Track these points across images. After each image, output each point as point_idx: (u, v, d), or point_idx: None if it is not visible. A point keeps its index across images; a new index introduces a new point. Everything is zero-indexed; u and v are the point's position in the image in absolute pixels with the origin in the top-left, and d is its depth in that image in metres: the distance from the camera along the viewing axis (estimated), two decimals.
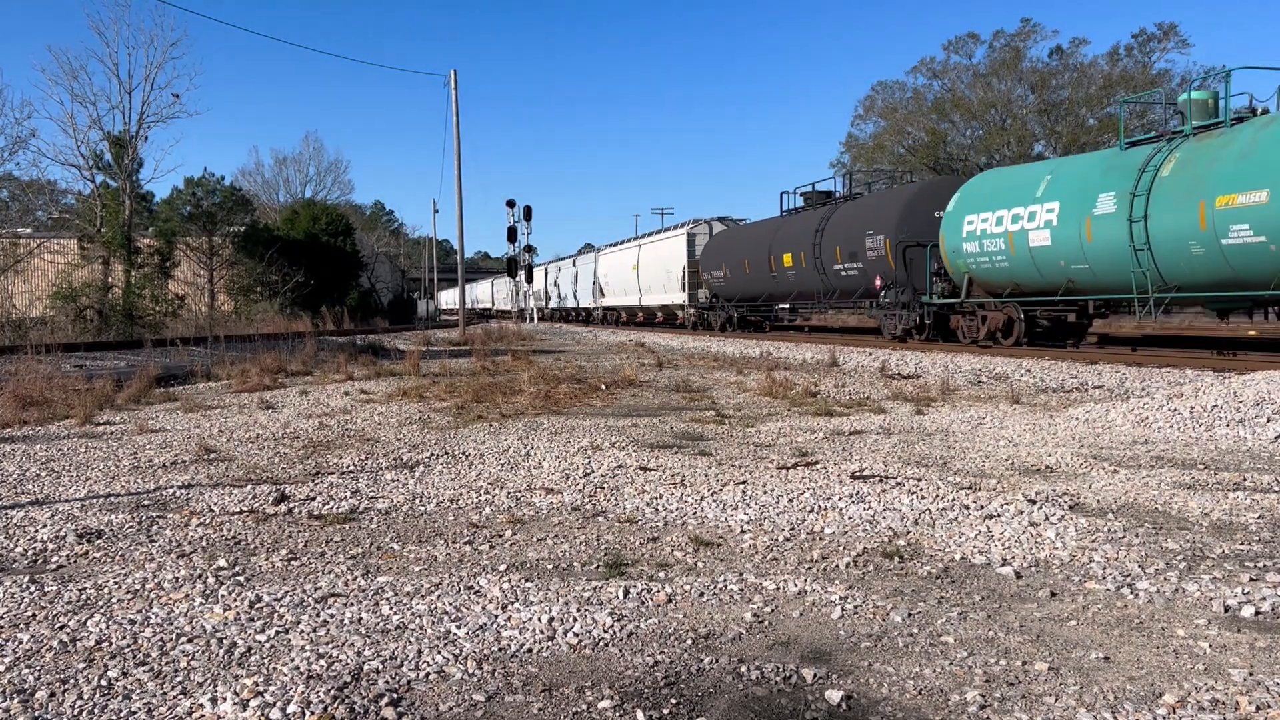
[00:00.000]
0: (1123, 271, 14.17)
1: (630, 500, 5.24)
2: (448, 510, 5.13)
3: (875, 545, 4.22)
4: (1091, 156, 16.81)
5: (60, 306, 27.56)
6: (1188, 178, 13.14)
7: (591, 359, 18.13)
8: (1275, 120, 12.57)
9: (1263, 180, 11.94)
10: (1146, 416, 7.72)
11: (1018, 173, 17.97)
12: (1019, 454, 6.49)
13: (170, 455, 7.02)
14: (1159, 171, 13.66)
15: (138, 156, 31.26)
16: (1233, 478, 5.52)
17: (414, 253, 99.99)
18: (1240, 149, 12.59)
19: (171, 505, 5.31)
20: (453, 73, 31.88)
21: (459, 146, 31.72)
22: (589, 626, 3.20)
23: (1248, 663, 2.81)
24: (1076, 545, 4.14)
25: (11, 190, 35.59)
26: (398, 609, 3.42)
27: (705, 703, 2.61)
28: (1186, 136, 14.00)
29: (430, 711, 2.57)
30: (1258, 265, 12.18)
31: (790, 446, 7.04)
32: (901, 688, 2.68)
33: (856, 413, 9.03)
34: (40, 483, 5.97)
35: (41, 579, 3.85)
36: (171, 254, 34.18)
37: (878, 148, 52.19)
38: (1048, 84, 47.45)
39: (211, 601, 3.53)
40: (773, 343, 21.95)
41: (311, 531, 4.67)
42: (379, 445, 7.40)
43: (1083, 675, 2.74)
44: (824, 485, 5.47)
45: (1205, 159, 13.07)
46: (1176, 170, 13.43)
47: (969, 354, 15.77)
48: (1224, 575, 3.67)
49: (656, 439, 7.53)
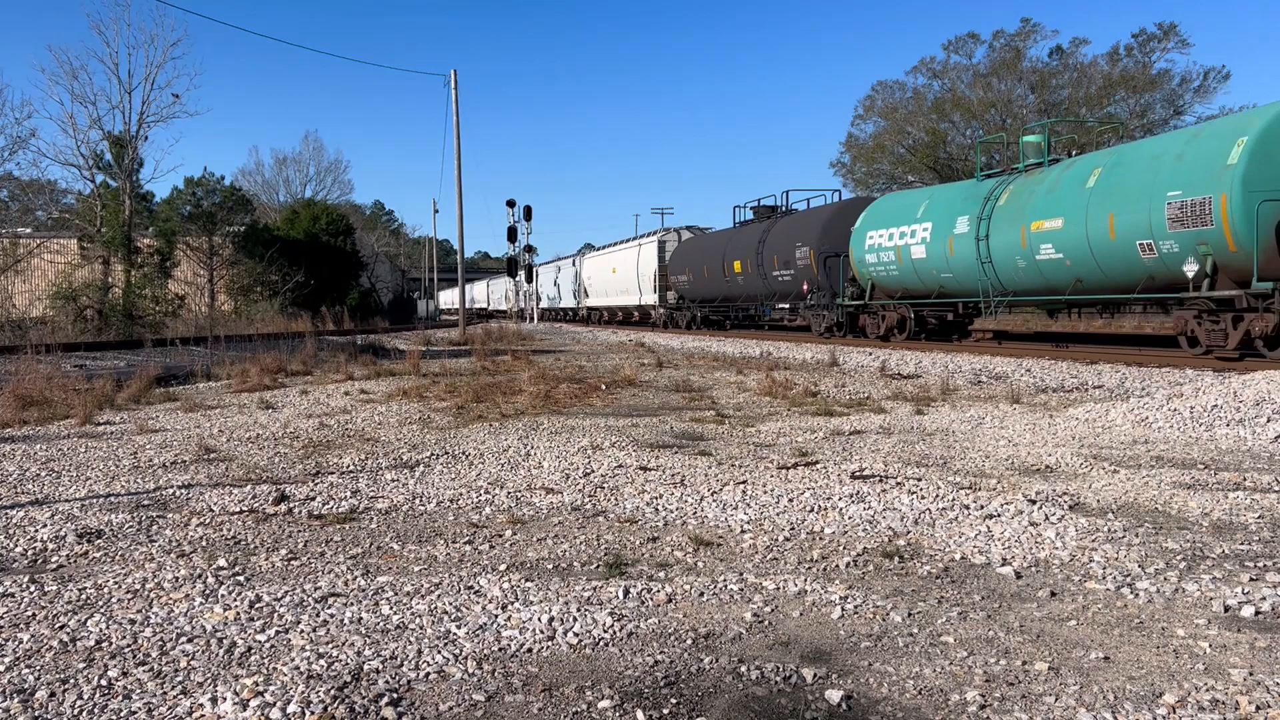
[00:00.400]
0: (975, 279, 17.75)
1: (630, 500, 5.24)
2: (448, 510, 5.13)
3: (875, 545, 4.22)
4: (957, 186, 20.52)
5: (60, 306, 27.56)
6: (1015, 206, 16.60)
7: (591, 359, 18.13)
8: (1072, 163, 15.99)
9: (1060, 210, 15.32)
10: (1146, 416, 7.72)
11: (905, 197, 21.75)
12: (1019, 454, 6.49)
13: (170, 455, 7.02)
14: (998, 200, 17.20)
15: (138, 156, 31.30)
16: (1233, 477, 5.52)
17: (414, 253, 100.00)
18: (1049, 184, 15.99)
19: (171, 505, 5.31)
20: (453, 73, 31.90)
21: (459, 146, 31.75)
22: (589, 626, 3.20)
23: (1248, 662, 2.81)
24: (1076, 545, 4.14)
25: (11, 190, 35.62)
26: (398, 609, 3.42)
27: (705, 703, 2.61)
28: (1020, 172, 17.59)
29: (430, 711, 2.57)
30: (1059, 275, 15.66)
31: (790, 446, 7.04)
32: (901, 688, 2.68)
33: (856, 412, 9.03)
34: (40, 482, 5.97)
35: (41, 579, 3.85)
36: (171, 254, 34.19)
37: (878, 148, 52.21)
38: (1048, 84, 47.46)
39: (211, 601, 3.53)
40: (772, 342, 22.00)
41: (311, 531, 4.67)
42: (379, 445, 7.40)
43: (1083, 675, 2.74)
44: (824, 485, 5.47)
45: (1028, 191, 16.48)
46: (1009, 200, 16.92)
47: (969, 354, 15.80)
48: (1224, 575, 3.67)
49: (656, 439, 7.53)
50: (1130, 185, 13.87)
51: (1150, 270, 13.68)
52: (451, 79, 31.89)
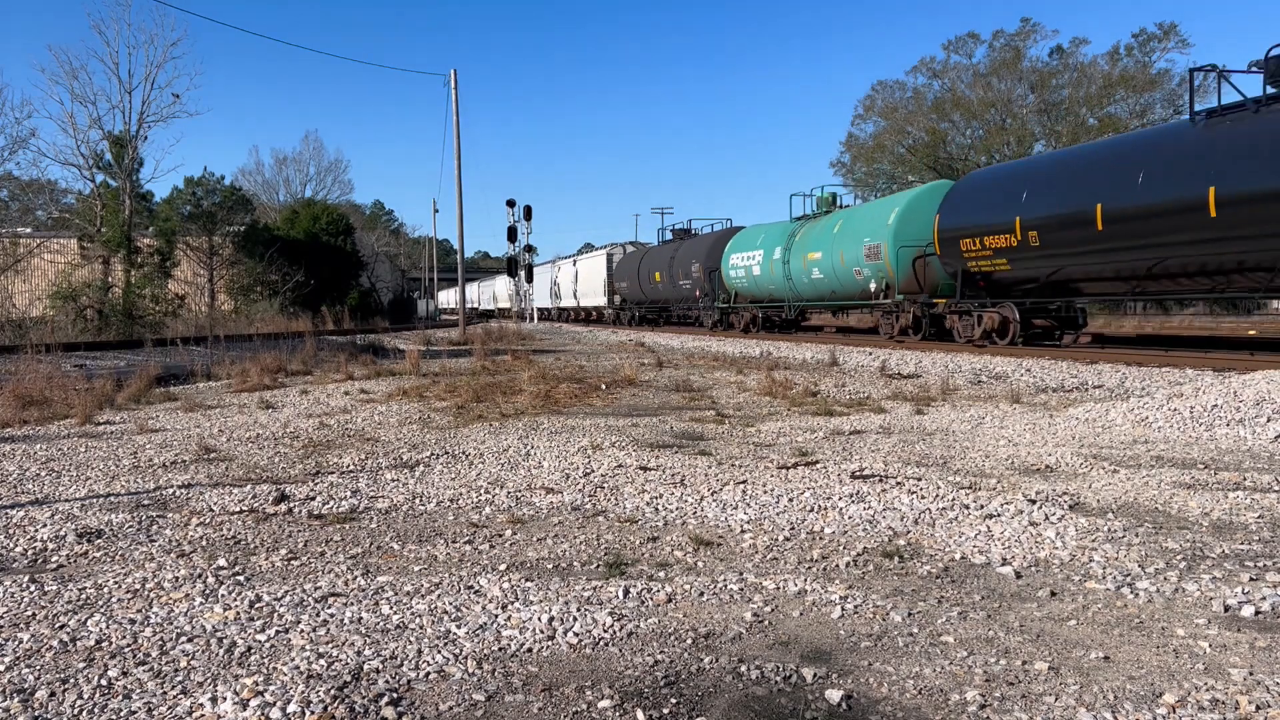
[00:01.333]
0: (785, 291, 26.15)
1: (630, 500, 5.24)
2: (448, 510, 5.13)
3: (875, 545, 4.22)
4: (779, 225, 27.50)
5: (60, 306, 27.55)
6: (803, 242, 24.82)
7: (591, 358, 18.13)
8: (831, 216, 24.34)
9: (820, 247, 23.51)
10: (1146, 416, 7.72)
11: (752, 231, 29.34)
12: (1019, 453, 6.49)
13: (170, 455, 7.02)
14: (795, 237, 25.44)
15: (138, 156, 31.29)
16: (1233, 477, 5.52)
17: (414, 252, 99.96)
18: (819, 229, 24.20)
19: (171, 505, 5.31)
20: (453, 72, 31.89)
21: (459, 146, 31.74)
22: (589, 626, 3.20)
23: (1248, 662, 2.81)
24: (1076, 545, 4.14)
25: (11, 190, 35.63)
26: (398, 608, 3.42)
27: (705, 702, 2.61)
28: (811, 218, 25.91)
29: (430, 711, 2.57)
30: (822, 289, 23.96)
31: (790, 446, 7.04)
32: (901, 687, 2.68)
33: (856, 412, 9.03)
34: (40, 482, 5.97)
35: (41, 578, 3.85)
36: (171, 254, 34.19)
37: (878, 147, 52.21)
38: (1048, 84, 47.45)
39: (211, 601, 3.53)
40: (772, 342, 22.07)
41: (311, 531, 4.67)
42: (379, 445, 7.40)
43: (1083, 675, 2.74)
44: (824, 485, 5.47)
45: (809, 233, 24.73)
46: (800, 238, 25.15)
47: (969, 354, 15.81)
48: (1224, 575, 3.67)
49: (656, 438, 7.53)
50: (850, 233, 21.95)
51: (861, 286, 21.63)
52: (451, 79, 31.88)
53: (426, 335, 30.72)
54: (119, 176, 31.05)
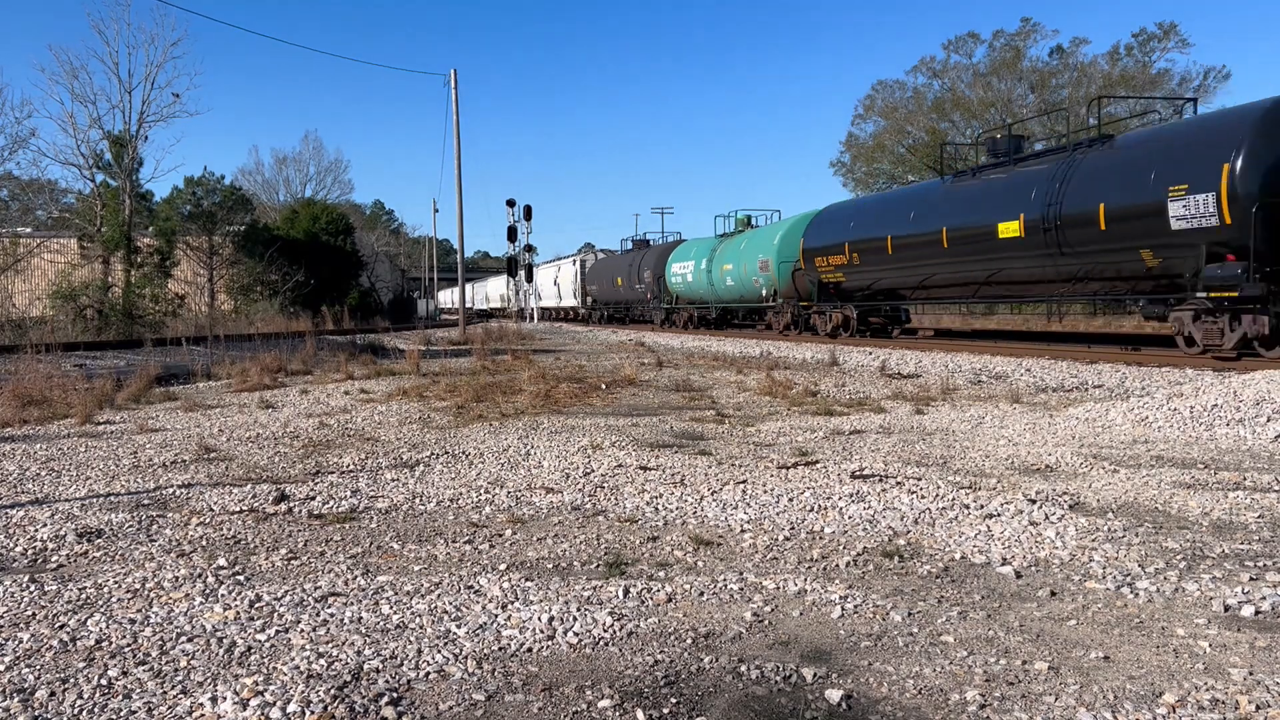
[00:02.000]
0: (710, 295, 31.37)
1: (630, 499, 5.24)
2: (448, 509, 5.13)
3: (875, 544, 4.22)
4: (708, 239, 32.89)
5: (60, 306, 27.55)
6: (722, 255, 29.76)
7: (591, 358, 18.13)
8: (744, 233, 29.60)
9: (732, 259, 28.87)
10: (1146, 416, 7.72)
11: (690, 244, 34.76)
12: (1019, 453, 6.49)
13: (170, 454, 7.02)
14: (716, 251, 30.44)
15: (138, 156, 31.31)
16: (1233, 477, 5.52)
17: (414, 252, 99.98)
18: (734, 245, 29.23)
19: (171, 504, 5.31)
20: (453, 72, 31.93)
21: (459, 146, 31.76)
22: (589, 626, 3.20)
23: (1248, 662, 2.81)
24: (1076, 545, 4.14)
25: (11, 189, 35.64)
26: (398, 608, 3.42)
27: (705, 702, 2.61)
28: (729, 235, 30.91)
29: (430, 711, 2.57)
30: (735, 293, 29.17)
31: (790, 446, 7.04)
32: (901, 687, 2.68)
33: (856, 412, 9.03)
34: (40, 482, 5.98)
35: (41, 578, 3.85)
36: (171, 253, 34.19)
37: (878, 147, 52.21)
38: (1048, 83, 47.44)
39: (211, 601, 3.53)
40: (772, 342, 22.10)
41: (311, 531, 4.67)
42: (379, 444, 7.40)
43: (1083, 675, 2.74)
44: (824, 485, 5.47)
45: (728, 247, 29.58)
46: (720, 251, 30.03)
47: (969, 353, 15.84)
48: (1224, 574, 3.67)
49: (656, 438, 7.53)
50: (752, 250, 27.48)
51: (758, 292, 27.23)
52: (451, 79, 31.90)
53: (426, 335, 30.71)
54: (119, 176, 31.07)
